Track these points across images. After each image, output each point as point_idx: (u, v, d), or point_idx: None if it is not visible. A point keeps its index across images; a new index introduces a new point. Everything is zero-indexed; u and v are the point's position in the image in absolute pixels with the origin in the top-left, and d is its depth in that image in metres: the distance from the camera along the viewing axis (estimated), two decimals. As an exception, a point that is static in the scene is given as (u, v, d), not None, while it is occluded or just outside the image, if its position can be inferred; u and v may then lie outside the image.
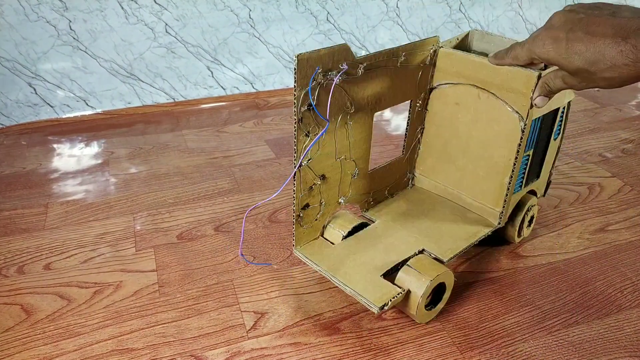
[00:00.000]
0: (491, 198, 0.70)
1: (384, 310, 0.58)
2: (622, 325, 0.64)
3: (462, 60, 0.65)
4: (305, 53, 0.51)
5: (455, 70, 0.66)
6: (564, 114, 0.71)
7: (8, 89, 1.13)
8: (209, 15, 1.21)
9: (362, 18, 1.36)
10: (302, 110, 0.55)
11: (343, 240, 0.67)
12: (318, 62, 0.53)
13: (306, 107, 0.55)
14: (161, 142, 1.11)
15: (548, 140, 0.71)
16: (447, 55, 0.66)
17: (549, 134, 0.71)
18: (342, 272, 0.62)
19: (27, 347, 0.60)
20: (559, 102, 0.66)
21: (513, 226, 0.74)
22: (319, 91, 0.55)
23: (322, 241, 0.67)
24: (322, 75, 0.54)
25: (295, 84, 0.53)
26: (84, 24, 1.12)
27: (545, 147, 0.72)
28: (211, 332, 0.62)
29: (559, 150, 0.75)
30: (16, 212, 0.86)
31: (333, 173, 0.64)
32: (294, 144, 0.57)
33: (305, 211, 0.63)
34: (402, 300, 0.60)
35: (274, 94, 1.35)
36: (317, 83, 0.54)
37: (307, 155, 0.58)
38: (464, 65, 0.65)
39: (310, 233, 0.66)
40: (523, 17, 1.56)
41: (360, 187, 0.70)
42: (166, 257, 0.75)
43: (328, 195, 0.65)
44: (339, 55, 0.55)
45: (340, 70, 0.55)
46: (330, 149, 0.62)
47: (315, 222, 0.66)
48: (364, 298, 0.58)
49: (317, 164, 0.61)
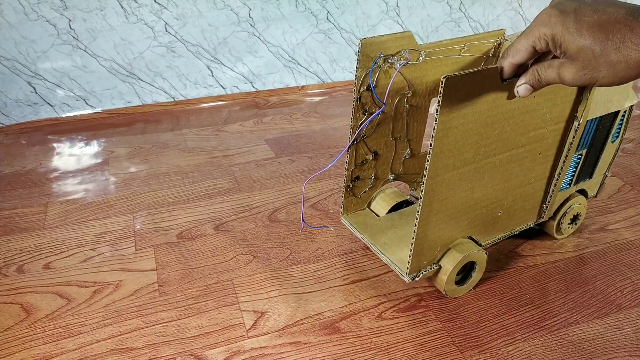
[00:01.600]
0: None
1: (415, 280, 0.62)
2: (622, 324, 0.64)
3: None
4: (370, 38, 0.56)
5: None
6: (624, 117, 0.71)
7: (8, 88, 1.13)
8: (209, 14, 1.21)
9: (362, 17, 1.36)
10: (362, 90, 0.59)
11: (388, 214, 0.72)
12: (381, 47, 0.57)
13: (365, 87, 0.59)
14: (161, 141, 1.11)
15: (605, 142, 0.72)
16: None
17: (606, 136, 0.71)
18: (382, 242, 0.67)
19: (27, 346, 0.60)
20: (618, 105, 0.67)
21: (553, 221, 0.75)
22: (379, 74, 0.59)
23: (368, 212, 0.73)
24: (383, 60, 0.58)
25: (357, 65, 0.57)
26: (83, 23, 1.12)
27: (601, 148, 0.72)
28: (211, 332, 0.62)
29: (616, 152, 0.76)
30: (16, 212, 0.86)
31: (386, 150, 0.68)
32: (351, 119, 0.62)
33: (356, 183, 0.69)
34: (434, 274, 0.64)
35: (273, 93, 1.35)
36: (377, 66, 0.58)
37: (361, 131, 0.63)
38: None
39: (358, 203, 0.72)
40: (523, 16, 1.56)
41: (411, 167, 0.73)
42: (166, 257, 0.75)
43: (379, 171, 0.70)
44: (401, 42, 0.59)
45: (401, 57, 0.59)
46: (385, 128, 0.65)
47: (364, 194, 0.71)
48: (397, 267, 0.63)
49: (371, 141, 0.66)
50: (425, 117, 0.69)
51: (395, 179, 0.73)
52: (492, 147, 0.58)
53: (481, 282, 0.70)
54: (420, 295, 0.68)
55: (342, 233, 0.80)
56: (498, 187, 0.63)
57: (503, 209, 0.66)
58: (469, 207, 0.61)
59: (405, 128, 0.68)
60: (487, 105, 0.53)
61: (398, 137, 0.68)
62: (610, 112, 0.67)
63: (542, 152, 0.64)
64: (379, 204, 0.73)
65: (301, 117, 1.23)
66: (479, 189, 0.60)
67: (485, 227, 0.66)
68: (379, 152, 0.68)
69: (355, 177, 0.68)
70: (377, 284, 0.69)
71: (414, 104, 0.66)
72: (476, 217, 0.64)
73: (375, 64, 0.58)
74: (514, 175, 0.64)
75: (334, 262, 0.74)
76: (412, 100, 0.65)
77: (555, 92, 0.59)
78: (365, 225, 0.70)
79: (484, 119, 0.54)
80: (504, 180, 0.63)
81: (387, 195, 0.74)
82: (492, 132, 0.56)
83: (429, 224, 0.58)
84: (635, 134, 1.14)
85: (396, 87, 0.62)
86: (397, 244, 0.66)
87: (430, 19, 1.45)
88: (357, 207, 0.73)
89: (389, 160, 0.70)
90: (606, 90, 0.63)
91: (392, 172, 0.72)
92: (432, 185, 0.55)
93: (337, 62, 1.40)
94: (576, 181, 0.73)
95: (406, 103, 0.65)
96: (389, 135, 0.67)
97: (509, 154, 0.60)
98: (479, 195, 0.61)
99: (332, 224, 0.82)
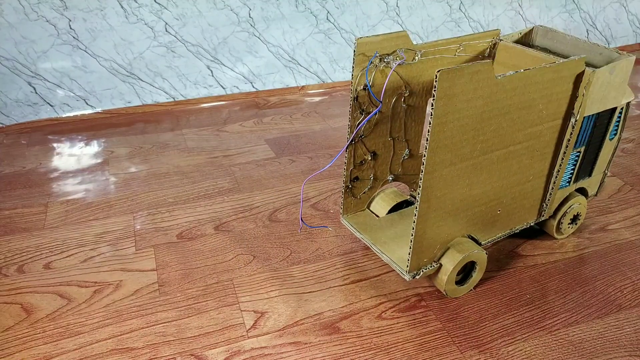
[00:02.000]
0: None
1: (416, 278, 0.62)
2: (622, 324, 0.64)
3: (520, 54, 0.67)
4: (365, 37, 0.57)
5: (513, 64, 0.68)
6: (621, 115, 0.71)
7: (8, 88, 1.13)
8: (209, 14, 1.21)
9: (362, 17, 1.36)
10: (358, 89, 0.60)
11: (387, 214, 0.72)
12: (377, 47, 0.58)
13: (362, 87, 0.59)
14: (161, 141, 1.11)
15: (603, 139, 0.71)
16: (507, 48, 0.68)
17: (604, 133, 0.71)
18: (382, 241, 0.67)
19: (27, 346, 0.60)
20: (615, 101, 0.67)
21: (553, 221, 0.75)
22: (376, 73, 0.60)
23: (368, 213, 0.73)
24: (379, 59, 0.59)
25: (353, 65, 0.58)
26: (83, 23, 1.12)
27: (599, 146, 0.72)
28: (211, 332, 0.62)
29: (615, 150, 0.75)
30: (16, 212, 0.86)
31: (384, 151, 0.69)
32: (349, 119, 0.62)
33: (355, 183, 0.69)
34: (434, 274, 0.64)
35: (273, 93, 1.35)
36: (373, 66, 0.58)
37: (359, 131, 0.63)
38: (522, 59, 0.66)
39: (358, 204, 0.72)
40: (523, 16, 1.56)
41: (410, 168, 0.74)
42: (166, 257, 0.75)
43: (378, 171, 0.70)
44: (397, 41, 0.59)
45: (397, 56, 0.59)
46: (383, 128, 0.66)
47: (363, 194, 0.71)
48: (397, 266, 0.63)
49: (369, 141, 0.66)
50: (423, 117, 0.69)
51: (395, 179, 0.73)
52: (489, 144, 0.58)
53: (481, 282, 0.70)
54: (420, 295, 0.68)
55: (342, 233, 0.80)
56: (497, 185, 0.63)
57: (502, 207, 0.66)
58: (468, 205, 0.61)
59: (403, 128, 0.68)
60: (483, 100, 0.53)
61: (396, 137, 0.68)
62: (607, 108, 0.67)
63: (540, 149, 0.64)
64: (379, 205, 0.73)
65: (301, 117, 1.23)
66: (477, 186, 0.61)
67: (484, 226, 0.66)
68: (378, 153, 0.68)
69: (354, 178, 0.68)
70: (377, 284, 0.70)
71: (411, 104, 0.66)
72: (475, 215, 0.64)
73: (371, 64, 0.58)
74: (513, 172, 0.64)
75: (334, 262, 0.74)
76: (410, 100, 0.66)
77: (551, 89, 0.59)
78: (365, 226, 0.71)
79: (480, 114, 0.54)
80: (502, 178, 0.63)
81: (387, 196, 0.74)
82: (489, 128, 0.56)
83: (427, 220, 0.58)
84: (635, 134, 1.14)
85: (393, 86, 0.62)
86: (397, 243, 0.67)
87: (430, 19, 1.45)
88: (357, 208, 0.73)
89: (387, 160, 0.70)
90: (602, 86, 0.63)
91: (391, 173, 0.72)
92: (430, 181, 0.55)
93: (337, 62, 1.40)
94: (575, 179, 0.73)
95: (403, 103, 0.65)
96: (387, 135, 0.67)
97: (507, 151, 0.60)
98: (477, 192, 0.61)
99: (332, 224, 0.82)
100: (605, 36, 1.68)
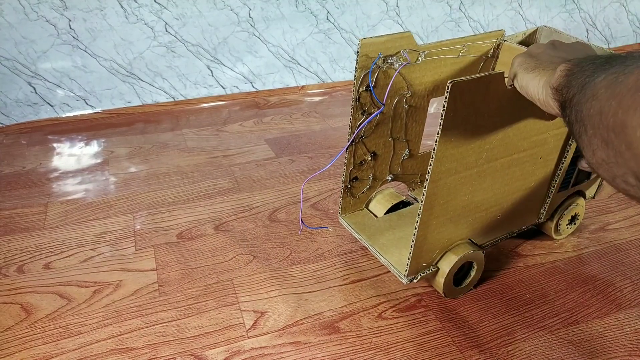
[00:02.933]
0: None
1: (413, 282, 0.62)
2: (622, 324, 0.64)
3: None
4: (369, 38, 0.56)
5: None
6: None
7: (8, 88, 1.13)
8: (209, 14, 1.21)
9: (362, 17, 1.36)
10: (360, 90, 0.59)
11: (386, 214, 0.72)
12: (380, 48, 0.57)
13: (364, 87, 0.59)
14: (161, 141, 1.11)
15: None
16: (510, 49, 0.67)
17: None
18: (380, 243, 0.67)
19: (27, 346, 0.60)
20: None
21: (551, 222, 0.75)
22: (379, 74, 0.59)
23: (366, 213, 0.73)
24: (382, 60, 0.58)
25: (356, 66, 0.57)
26: (83, 23, 1.12)
27: None
28: (211, 332, 0.62)
29: None
30: (16, 212, 0.86)
31: (384, 151, 0.68)
32: (350, 119, 0.61)
33: (354, 183, 0.68)
34: (432, 276, 0.64)
35: (273, 93, 1.35)
36: (377, 67, 0.58)
37: (360, 132, 0.63)
38: None
39: (356, 204, 0.72)
40: (523, 16, 1.55)
41: (409, 168, 0.74)
42: (166, 257, 0.75)
43: (377, 171, 0.70)
44: (401, 42, 0.59)
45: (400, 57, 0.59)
46: (384, 128, 0.65)
47: (362, 194, 0.71)
48: (395, 269, 0.62)
49: (369, 141, 0.65)
50: (424, 118, 0.69)
51: (394, 179, 0.73)
52: (495, 152, 0.58)
53: (481, 282, 0.70)
54: (420, 295, 0.68)
55: (341, 233, 0.80)
56: (498, 191, 0.63)
57: (502, 212, 0.66)
58: (469, 211, 0.61)
59: (404, 128, 0.68)
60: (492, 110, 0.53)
61: (397, 137, 0.68)
62: None
63: (543, 157, 0.64)
64: (377, 205, 0.73)
65: (301, 117, 1.23)
66: (479, 193, 0.60)
67: (484, 230, 0.66)
68: (378, 153, 0.68)
69: (353, 178, 0.68)
70: (377, 284, 0.70)
71: (413, 105, 0.66)
72: (475, 220, 0.64)
73: (375, 65, 0.58)
74: (515, 179, 0.63)
75: (333, 262, 0.74)
76: (411, 100, 0.65)
77: None
78: (363, 226, 0.70)
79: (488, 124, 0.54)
80: (504, 184, 0.63)
81: (385, 196, 0.74)
82: (495, 137, 0.56)
83: (429, 227, 0.58)
84: (635, 133, 1.14)
85: (395, 87, 0.62)
86: (395, 246, 0.66)
87: (430, 19, 1.45)
88: (355, 208, 0.73)
89: (387, 160, 0.70)
90: None
91: (390, 173, 0.72)
92: (434, 189, 0.55)
93: (337, 62, 1.40)
94: (574, 183, 0.73)
95: (405, 103, 0.65)
96: (387, 135, 0.67)
97: (511, 158, 0.60)
98: (479, 199, 0.61)
99: (332, 224, 0.82)
100: (605, 36, 1.68)
